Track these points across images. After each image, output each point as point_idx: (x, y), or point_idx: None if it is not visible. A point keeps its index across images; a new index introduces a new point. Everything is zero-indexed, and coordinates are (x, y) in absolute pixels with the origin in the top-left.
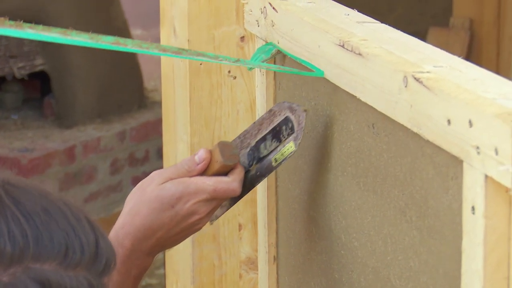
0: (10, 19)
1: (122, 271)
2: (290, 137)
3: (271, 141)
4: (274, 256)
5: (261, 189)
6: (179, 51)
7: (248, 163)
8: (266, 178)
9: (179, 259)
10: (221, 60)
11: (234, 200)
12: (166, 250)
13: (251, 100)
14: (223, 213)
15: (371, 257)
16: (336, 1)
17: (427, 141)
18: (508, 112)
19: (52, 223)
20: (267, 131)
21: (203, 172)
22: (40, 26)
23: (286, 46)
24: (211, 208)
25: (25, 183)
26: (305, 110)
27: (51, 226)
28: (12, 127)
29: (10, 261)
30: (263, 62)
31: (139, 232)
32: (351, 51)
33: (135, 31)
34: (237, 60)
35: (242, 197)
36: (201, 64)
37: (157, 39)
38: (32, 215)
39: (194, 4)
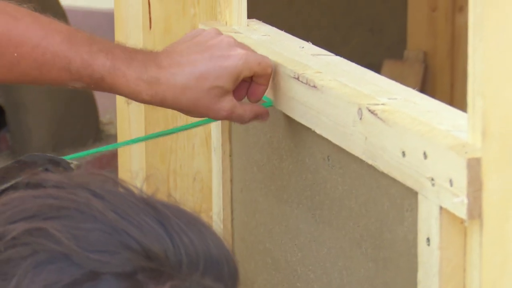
0: None
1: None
2: None
3: None
4: None
5: (216, 223)
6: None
7: None
8: (222, 212)
9: None
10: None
11: None
12: None
13: (207, 133)
14: None
15: None
16: (291, 34)
17: (382, 173)
18: (462, 144)
19: (205, 236)
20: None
21: None
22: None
23: None
24: (229, 44)
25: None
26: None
27: (205, 237)
28: None
29: (186, 274)
30: None
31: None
32: (306, 83)
33: None
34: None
35: None
36: None
37: None
38: (191, 227)
39: (149, 37)
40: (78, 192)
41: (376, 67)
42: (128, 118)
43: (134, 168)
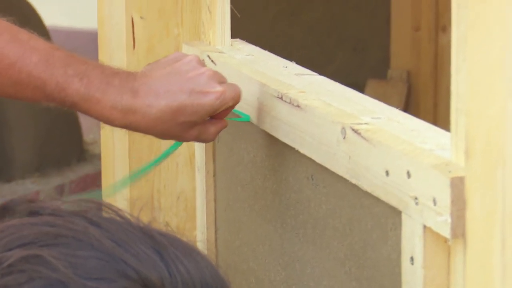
0: None
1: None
2: None
3: None
4: None
5: (200, 242)
6: None
7: None
8: (205, 232)
9: None
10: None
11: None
12: None
13: (190, 153)
14: None
15: None
16: (274, 54)
17: (366, 192)
18: (445, 162)
19: (201, 265)
20: None
21: None
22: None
23: None
24: (209, 79)
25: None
26: None
27: (201, 266)
28: None
29: None
30: None
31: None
32: (290, 103)
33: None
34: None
35: None
36: None
37: None
38: (187, 256)
39: (133, 57)
40: (75, 220)
41: (359, 87)
42: (112, 137)
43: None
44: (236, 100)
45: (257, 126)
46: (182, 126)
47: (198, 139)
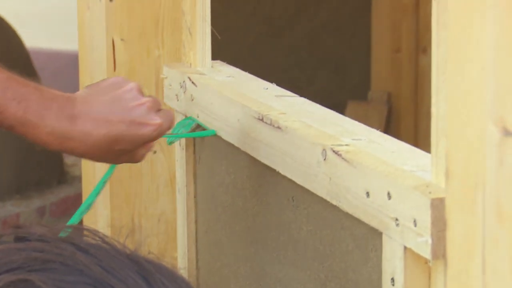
0: None
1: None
2: None
3: None
4: None
5: (181, 264)
6: None
7: None
8: (186, 253)
9: None
10: None
11: None
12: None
13: (171, 174)
14: None
15: None
16: (255, 75)
17: (347, 214)
18: (426, 184)
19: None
20: None
21: None
22: None
23: (205, 120)
24: (149, 110)
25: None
26: None
27: None
28: None
29: None
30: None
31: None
32: (270, 124)
33: None
34: None
35: None
36: None
37: None
38: (172, 282)
39: (114, 75)
40: (62, 245)
41: (340, 108)
42: None
43: (99, 210)
44: (171, 127)
45: (237, 147)
46: (117, 153)
47: (129, 161)
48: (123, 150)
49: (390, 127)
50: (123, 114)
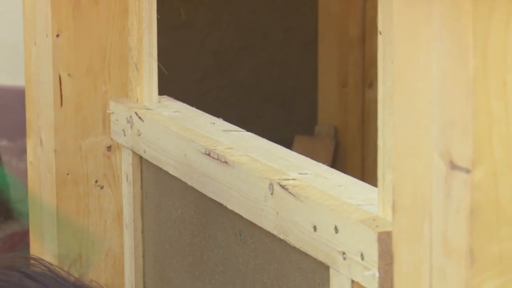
0: None
1: None
2: None
3: None
4: None
5: None
6: None
7: None
8: None
9: None
10: None
11: None
12: None
13: (119, 209)
14: None
15: None
16: (202, 110)
17: (294, 248)
18: (373, 217)
19: None
20: None
21: None
22: None
23: (152, 155)
24: None
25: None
26: None
27: None
28: None
29: None
30: None
31: None
32: (217, 159)
33: (0, 142)
34: None
35: None
36: (67, 174)
37: (23, 150)
38: None
39: (60, 114)
40: (9, 273)
41: (287, 143)
42: (39, 195)
43: (46, 245)
44: None
45: (185, 182)
46: None
47: None
48: None
49: (337, 161)
50: None
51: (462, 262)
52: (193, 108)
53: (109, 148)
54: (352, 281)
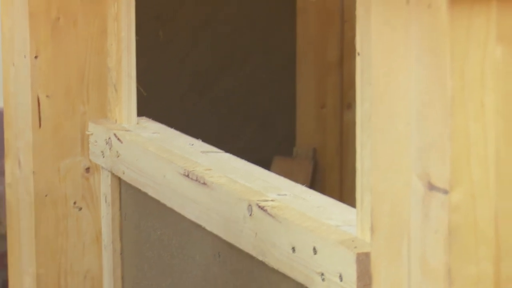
0: None
1: None
2: None
3: None
4: None
5: None
6: None
7: None
8: None
9: None
10: None
11: None
12: None
13: (97, 231)
14: None
15: None
16: (181, 131)
17: (273, 269)
18: (351, 238)
19: None
20: None
21: None
22: None
23: (131, 177)
24: None
25: None
26: None
27: None
28: None
29: None
30: None
31: None
32: (196, 180)
33: None
34: None
35: None
36: (46, 195)
37: (1, 172)
38: None
39: (39, 135)
40: None
41: (265, 164)
42: (17, 217)
43: (24, 267)
44: None
45: (163, 204)
46: None
47: None
48: None
49: (315, 182)
50: None
51: (441, 283)
52: (172, 129)
53: (87, 169)
54: None
